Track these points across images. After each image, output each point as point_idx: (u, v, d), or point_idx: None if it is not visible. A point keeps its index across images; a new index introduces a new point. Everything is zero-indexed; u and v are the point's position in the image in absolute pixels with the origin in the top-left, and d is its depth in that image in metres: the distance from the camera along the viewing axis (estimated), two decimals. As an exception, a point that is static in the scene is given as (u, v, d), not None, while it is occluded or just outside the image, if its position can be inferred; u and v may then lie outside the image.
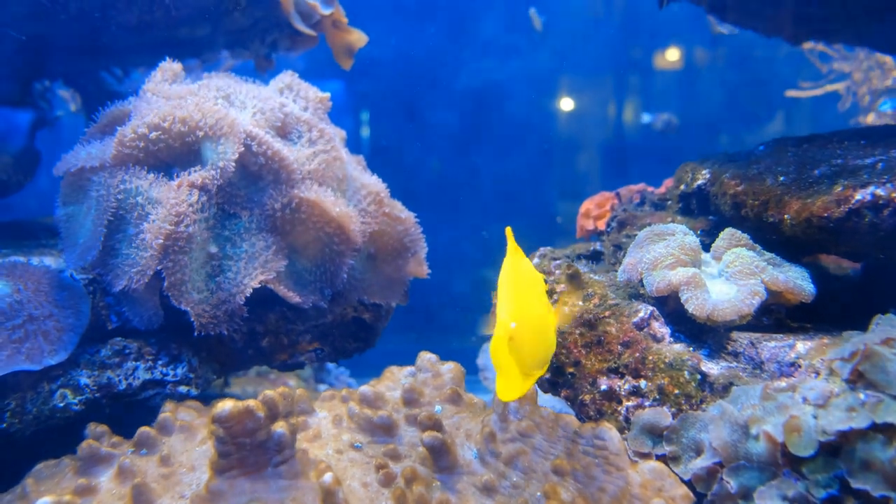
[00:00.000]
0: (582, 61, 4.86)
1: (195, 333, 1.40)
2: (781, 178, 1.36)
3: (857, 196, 1.18)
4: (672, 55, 4.67)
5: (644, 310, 1.31)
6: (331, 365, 3.01)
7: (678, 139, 4.59)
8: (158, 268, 1.33)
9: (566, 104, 4.87)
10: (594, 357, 1.30)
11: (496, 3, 4.88)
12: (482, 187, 4.83)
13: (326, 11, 2.20)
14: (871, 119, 3.58)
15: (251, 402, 0.96)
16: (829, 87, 3.66)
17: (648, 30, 4.78)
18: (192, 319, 1.38)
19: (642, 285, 1.33)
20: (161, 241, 1.32)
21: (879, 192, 1.16)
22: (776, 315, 1.31)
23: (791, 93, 3.78)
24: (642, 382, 1.22)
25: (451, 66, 4.81)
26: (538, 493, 1.02)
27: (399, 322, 2.01)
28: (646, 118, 4.43)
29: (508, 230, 1.11)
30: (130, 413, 1.42)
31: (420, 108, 4.82)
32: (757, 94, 4.65)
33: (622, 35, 4.84)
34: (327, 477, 0.99)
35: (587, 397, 1.28)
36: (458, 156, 4.88)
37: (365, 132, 4.81)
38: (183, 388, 1.47)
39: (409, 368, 1.46)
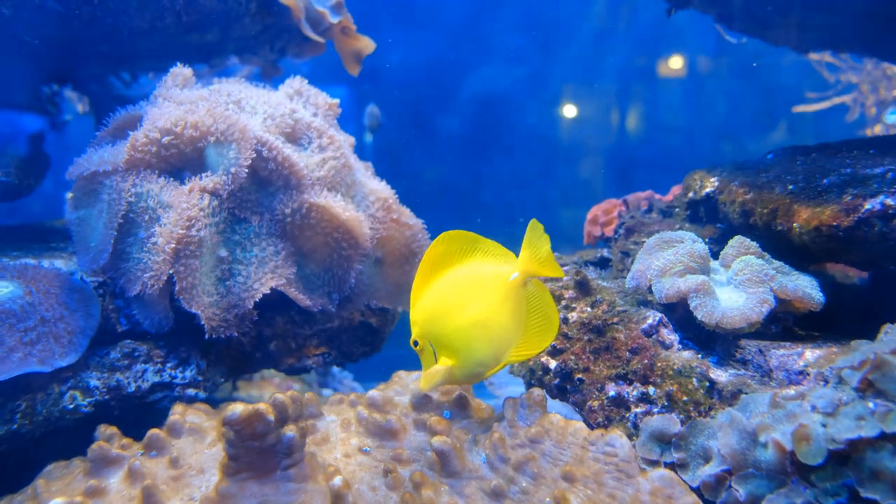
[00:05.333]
0: (587, 68, 4.87)
1: (205, 337, 1.41)
2: (790, 187, 1.37)
3: (867, 205, 1.19)
4: (676, 63, 4.68)
5: (653, 316, 1.31)
6: (335, 369, 3.02)
7: (683, 147, 4.59)
8: (170, 272, 1.34)
9: (571, 111, 4.88)
10: (602, 363, 1.30)
11: (502, 11, 4.90)
12: (488, 194, 4.84)
13: (335, 19, 2.21)
14: (878, 130, 3.57)
15: (261, 406, 0.97)
16: (837, 100, 3.64)
17: (654, 38, 4.80)
18: (203, 323, 1.39)
19: (651, 292, 1.33)
20: (173, 245, 1.33)
21: (889, 201, 1.17)
22: (784, 323, 1.31)
23: (799, 108, 3.76)
24: (651, 389, 1.23)
25: (456, 72, 4.82)
26: (548, 499, 1.03)
27: (405, 327, 2.01)
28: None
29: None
30: (139, 415, 1.43)
31: (426, 115, 4.83)
32: (761, 103, 4.66)
33: (627, 43, 4.85)
34: (336, 480, 1.00)
35: (595, 403, 1.28)
36: (464, 162, 4.89)
37: (369, 137, 4.83)
38: (191, 391, 1.48)
39: (418, 373, 1.47)
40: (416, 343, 1.16)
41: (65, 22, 1.70)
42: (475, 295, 1.13)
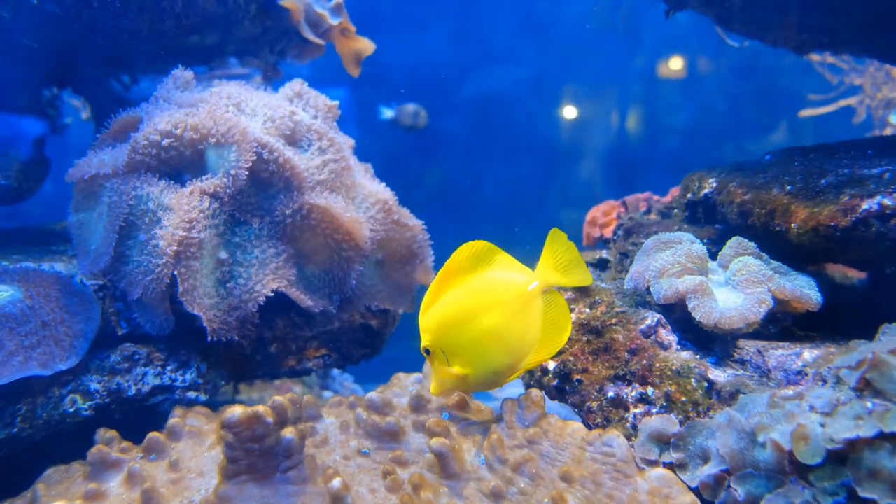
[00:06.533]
0: (587, 69, 4.87)
1: (207, 339, 1.41)
2: (788, 188, 1.37)
3: (864, 205, 1.19)
4: (676, 64, 4.68)
5: (651, 317, 1.31)
6: (335, 371, 3.02)
7: (683, 148, 4.59)
8: (173, 273, 1.35)
9: (571, 112, 4.88)
10: (601, 364, 1.30)
11: (501, 12, 4.90)
12: (488, 195, 4.84)
13: (335, 21, 2.21)
14: (888, 133, 3.55)
15: (260, 408, 0.97)
16: (843, 102, 3.63)
17: (653, 39, 4.80)
18: (205, 325, 1.39)
19: (649, 293, 1.33)
20: (174, 248, 1.33)
21: (886, 201, 1.17)
22: (783, 323, 1.31)
23: (805, 112, 3.74)
24: (649, 390, 1.23)
25: (456, 74, 4.83)
26: (546, 500, 1.03)
27: (405, 329, 2.01)
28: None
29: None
30: (140, 418, 1.43)
31: (426, 116, 4.84)
32: (761, 104, 4.65)
33: (627, 43, 4.85)
34: (336, 482, 1.00)
35: (594, 404, 1.28)
36: (465, 164, 4.89)
37: (370, 139, 4.83)
38: (192, 394, 1.48)
39: (417, 375, 1.47)
40: (427, 351, 1.16)
41: (64, 25, 1.70)
42: (493, 304, 1.13)
